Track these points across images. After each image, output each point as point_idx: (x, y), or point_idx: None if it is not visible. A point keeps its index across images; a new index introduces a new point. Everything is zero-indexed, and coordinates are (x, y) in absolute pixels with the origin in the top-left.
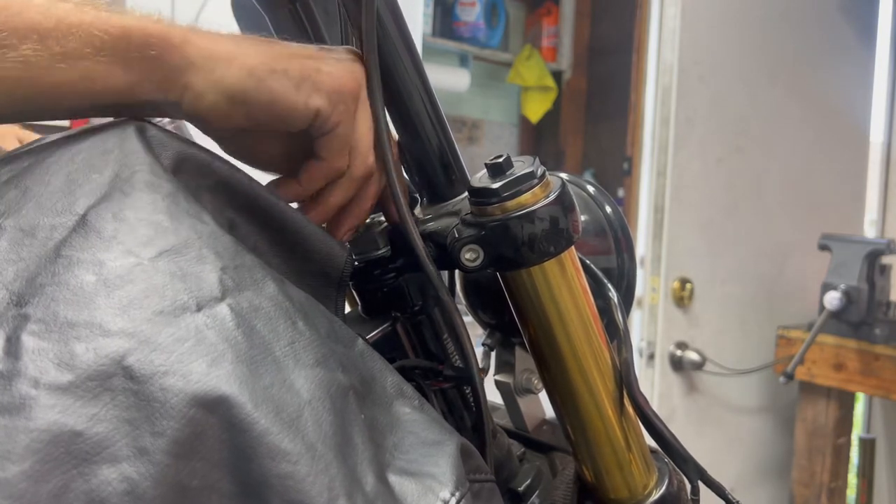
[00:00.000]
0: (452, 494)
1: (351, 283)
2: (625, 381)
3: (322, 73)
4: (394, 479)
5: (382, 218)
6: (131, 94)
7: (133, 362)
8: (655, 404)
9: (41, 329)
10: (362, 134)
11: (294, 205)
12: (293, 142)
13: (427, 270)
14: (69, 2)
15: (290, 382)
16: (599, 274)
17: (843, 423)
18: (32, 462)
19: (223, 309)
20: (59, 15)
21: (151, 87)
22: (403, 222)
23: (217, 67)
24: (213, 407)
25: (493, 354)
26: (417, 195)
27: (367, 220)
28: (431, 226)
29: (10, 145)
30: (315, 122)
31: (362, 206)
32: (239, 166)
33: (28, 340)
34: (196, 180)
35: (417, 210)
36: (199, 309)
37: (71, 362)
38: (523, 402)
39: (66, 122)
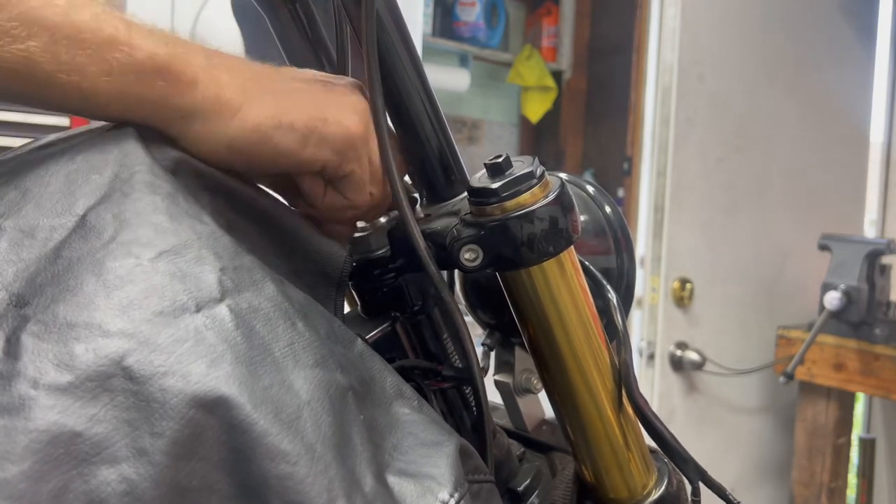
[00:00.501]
0: (451, 495)
1: (351, 283)
2: (624, 381)
3: (329, 125)
4: (393, 479)
5: (383, 218)
6: (131, 120)
7: (132, 363)
8: (655, 404)
9: (41, 330)
10: (376, 166)
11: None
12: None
13: (430, 273)
14: (91, 9)
15: (290, 383)
16: (598, 275)
17: (843, 423)
18: (32, 462)
19: (222, 310)
20: (75, 23)
21: (153, 122)
22: (408, 228)
23: (221, 119)
24: (213, 408)
25: (492, 354)
26: (417, 195)
27: None
28: (431, 226)
29: None
30: (324, 171)
31: (367, 219)
32: None
33: (27, 341)
34: (194, 181)
35: (417, 210)
36: (198, 310)
37: (70, 363)
38: (523, 402)
39: (66, 122)
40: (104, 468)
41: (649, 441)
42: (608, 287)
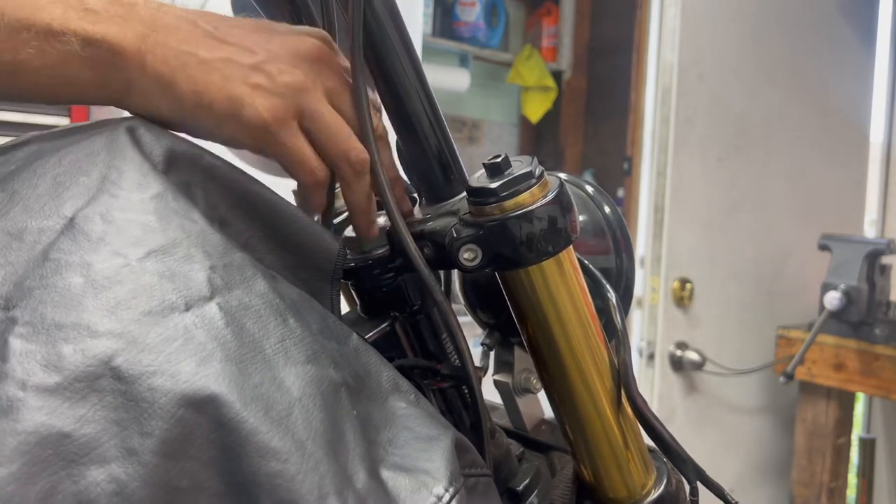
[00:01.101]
0: (446, 490)
1: (350, 283)
2: (623, 381)
3: (245, 108)
4: (387, 474)
5: (382, 219)
6: (92, 98)
7: (121, 363)
8: (655, 404)
9: (28, 331)
10: (329, 139)
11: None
12: None
13: (418, 267)
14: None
15: (280, 380)
16: (598, 274)
17: (843, 423)
18: (20, 464)
19: (212, 308)
20: (18, 20)
21: (100, 101)
22: (393, 222)
23: (153, 94)
24: (202, 406)
25: (491, 354)
26: (416, 195)
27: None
28: (430, 226)
29: None
30: (250, 149)
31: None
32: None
33: (15, 343)
34: (187, 177)
35: (416, 210)
36: (187, 308)
37: (58, 364)
38: (522, 402)
39: (66, 121)
40: (93, 469)
41: (648, 441)
42: (607, 286)
